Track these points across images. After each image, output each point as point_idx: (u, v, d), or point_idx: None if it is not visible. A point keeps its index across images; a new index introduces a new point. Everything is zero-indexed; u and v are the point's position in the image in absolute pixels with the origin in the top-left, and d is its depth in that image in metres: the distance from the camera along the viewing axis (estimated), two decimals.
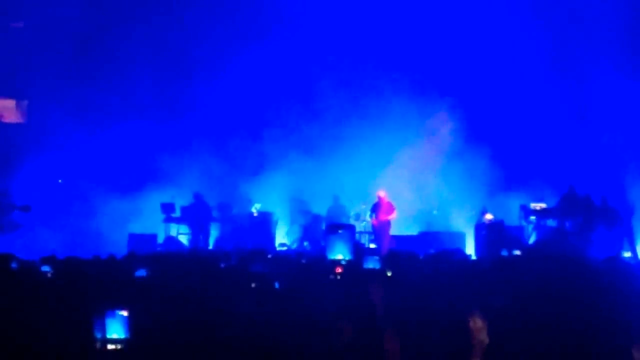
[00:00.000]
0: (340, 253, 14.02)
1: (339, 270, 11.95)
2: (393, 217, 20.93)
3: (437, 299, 7.63)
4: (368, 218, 21.62)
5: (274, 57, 23.69)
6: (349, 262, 13.64)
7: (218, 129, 23.60)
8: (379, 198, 21.04)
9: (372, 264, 11.10)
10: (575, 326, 6.60)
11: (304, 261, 13.23)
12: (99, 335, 7.02)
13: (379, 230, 20.94)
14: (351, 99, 23.35)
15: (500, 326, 6.18)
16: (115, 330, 7.06)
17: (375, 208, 21.08)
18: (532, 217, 20.76)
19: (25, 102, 24.94)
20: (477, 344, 4.33)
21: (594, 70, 22.32)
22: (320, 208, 22.67)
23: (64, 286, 8.22)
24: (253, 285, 9.01)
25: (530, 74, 22.90)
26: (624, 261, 14.21)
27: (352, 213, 22.61)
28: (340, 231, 14.54)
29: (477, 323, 4.27)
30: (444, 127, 23.09)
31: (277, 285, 9.06)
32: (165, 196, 22.51)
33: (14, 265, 10.17)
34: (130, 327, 7.07)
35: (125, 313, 7.08)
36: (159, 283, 9.27)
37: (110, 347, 7.03)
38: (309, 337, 6.59)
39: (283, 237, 22.65)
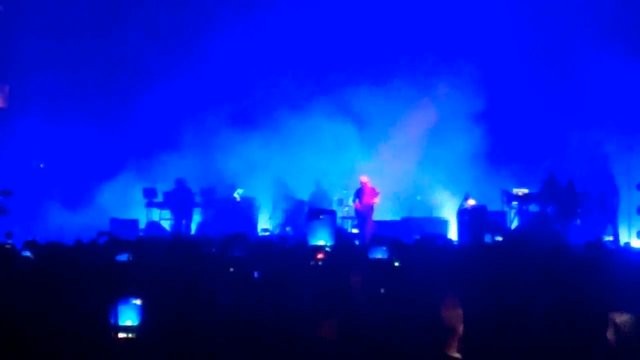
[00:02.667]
0: (322, 239, 13.84)
1: (320, 256, 11.78)
2: (376, 201, 20.92)
3: (417, 287, 7.66)
4: (351, 203, 21.62)
5: (261, 36, 23.60)
6: (331, 247, 13.46)
7: (201, 113, 23.51)
8: (362, 183, 21.03)
9: (379, 253, 10.79)
10: (553, 310, 6.64)
11: (287, 246, 13.20)
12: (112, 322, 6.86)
13: (362, 216, 20.94)
14: (336, 85, 23.31)
15: (480, 312, 6.20)
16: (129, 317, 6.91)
17: (358, 193, 21.07)
18: (514, 203, 20.80)
19: (7, 87, 24.75)
20: (453, 332, 4.33)
21: (578, 53, 22.34)
22: (303, 193, 22.65)
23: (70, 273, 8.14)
24: (232, 269, 8.97)
25: (514, 59, 22.90)
26: (604, 245, 14.29)
27: (335, 198, 22.60)
28: (321, 217, 14.29)
29: (452, 311, 4.27)
30: (428, 114, 23.11)
31: (257, 271, 8.99)
32: (147, 181, 22.45)
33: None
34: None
35: (138, 302, 6.92)
36: (142, 269, 9.25)
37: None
38: (291, 323, 6.60)
39: (265, 222, 22.63)
